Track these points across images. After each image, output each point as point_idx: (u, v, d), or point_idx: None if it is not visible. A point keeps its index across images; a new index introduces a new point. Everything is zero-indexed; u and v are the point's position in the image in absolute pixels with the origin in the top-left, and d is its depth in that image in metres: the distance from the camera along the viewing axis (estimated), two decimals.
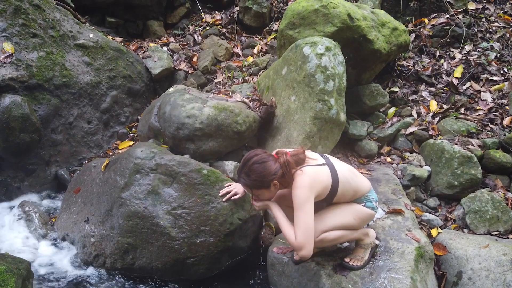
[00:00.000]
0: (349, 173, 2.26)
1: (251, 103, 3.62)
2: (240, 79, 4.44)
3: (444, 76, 4.27)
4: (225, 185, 2.81)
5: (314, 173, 2.11)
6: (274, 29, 5.09)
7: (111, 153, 3.90)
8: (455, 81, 4.12)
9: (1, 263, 1.84)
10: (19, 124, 3.23)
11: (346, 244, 2.57)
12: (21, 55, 3.44)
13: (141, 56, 4.64)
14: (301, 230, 2.02)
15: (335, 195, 2.20)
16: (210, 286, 2.73)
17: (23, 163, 3.42)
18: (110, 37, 4.59)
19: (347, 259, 2.41)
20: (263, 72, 4.34)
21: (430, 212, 3.19)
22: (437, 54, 4.48)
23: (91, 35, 4.09)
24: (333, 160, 2.27)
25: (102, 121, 3.99)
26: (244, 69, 4.62)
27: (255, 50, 4.87)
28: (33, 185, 3.50)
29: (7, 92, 3.27)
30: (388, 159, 3.66)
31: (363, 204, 2.31)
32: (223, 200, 2.74)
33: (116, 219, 2.74)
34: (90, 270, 2.79)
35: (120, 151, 3.87)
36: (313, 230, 2.05)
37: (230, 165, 3.25)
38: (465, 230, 3.00)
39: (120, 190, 2.77)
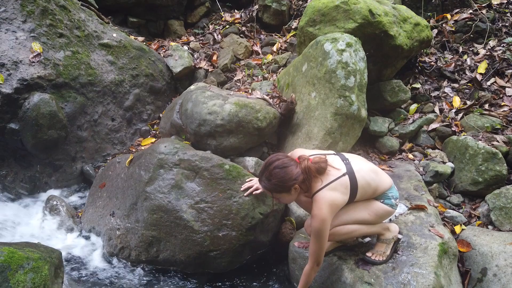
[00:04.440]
0: (370, 174, 2.25)
1: (271, 100, 3.65)
2: (259, 76, 4.47)
3: (467, 72, 4.19)
4: (247, 180, 2.84)
5: (332, 199, 2.12)
6: (293, 27, 5.10)
7: (134, 150, 3.99)
8: (479, 77, 4.05)
9: (35, 251, 1.92)
10: (47, 121, 3.34)
11: (368, 239, 2.57)
12: (48, 54, 3.56)
13: (162, 55, 4.72)
14: (315, 254, 2.16)
15: (353, 200, 2.24)
16: (232, 279, 2.77)
17: (50, 159, 3.54)
18: (132, 37, 4.69)
19: (369, 254, 2.41)
20: (282, 69, 4.36)
21: (453, 209, 3.15)
22: (460, 49, 4.41)
23: (114, 35, 4.20)
24: (355, 162, 2.26)
25: (125, 119, 4.09)
26: (263, 66, 4.65)
27: (275, 48, 4.90)
28: (60, 180, 3.61)
29: (35, 90, 3.39)
30: (410, 156, 3.62)
31: (382, 201, 2.31)
32: (245, 194, 2.78)
33: (141, 213, 2.81)
34: (116, 262, 2.87)
35: (142, 147, 3.95)
36: (324, 251, 2.17)
37: (251, 161, 3.28)
38: (489, 227, 2.95)
39: (145, 185, 2.84)
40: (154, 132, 4.21)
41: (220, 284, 2.74)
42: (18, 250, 1.89)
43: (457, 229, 2.90)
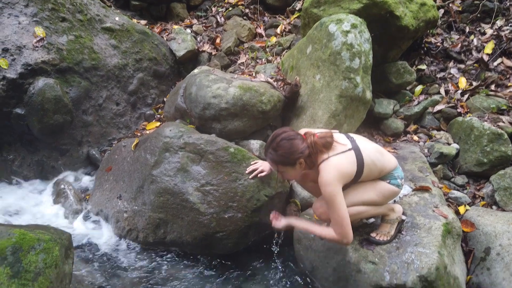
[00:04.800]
0: (375, 154, 2.26)
1: (275, 83, 3.64)
2: (263, 59, 4.45)
3: (474, 53, 4.14)
4: (252, 163, 2.86)
5: (340, 165, 2.11)
6: (297, 8, 5.04)
7: (139, 134, 4.01)
8: (486, 57, 4.00)
9: (45, 233, 1.96)
10: (53, 105, 3.35)
11: (372, 219, 2.59)
12: (51, 39, 3.55)
13: (165, 38, 4.69)
14: (338, 224, 2.10)
15: (359, 178, 2.23)
16: (238, 260, 2.82)
17: (57, 144, 3.57)
18: (135, 20, 4.66)
19: (373, 234, 2.44)
20: (286, 52, 4.33)
21: (457, 190, 3.16)
22: (467, 30, 4.34)
23: (117, 19, 4.17)
24: (360, 141, 2.27)
25: (129, 103, 4.10)
26: (267, 49, 4.61)
27: (278, 30, 4.85)
28: (67, 164, 3.65)
29: (40, 75, 3.40)
30: (415, 138, 3.62)
31: (388, 181, 2.32)
32: (250, 177, 2.80)
33: (148, 195, 2.84)
34: (124, 244, 2.92)
35: (147, 131, 3.98)
36: (348, 217, 2.10)
37: (255, 144, 3.29)
38: (493, 207, 2.96)
39: (151, 168, 2.87)
40: (158, 116, 4.22)
41: (226, 265, 2.79)
42: (29, 232, 1.94)
43: (461, 209, 2.92)
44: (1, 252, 1.78)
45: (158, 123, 4.06)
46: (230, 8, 5.20)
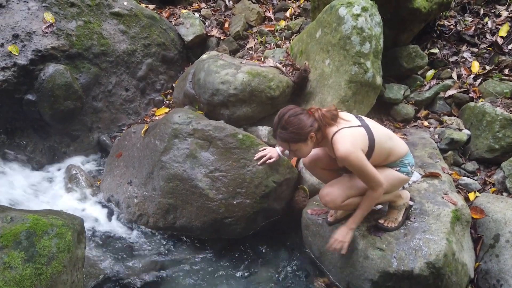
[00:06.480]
0: (384, 136, 2.23)
1: (284, 68, 3.60)
2: (272, 44, 4.40)
3: (488, 36, 4.04)
4: (260, 149, 2.87)
5: (354, 135, 2.09)
6: None
7: (148, 120, 4.03)
8: (500, 41, 3.90)
9: (58, 218, 2.01)
10: (63, 92, 3.38)
11: (380, 206, 2.59)
12: (61, 24, 3.55)
13: (173, 23, 4.66)
14: (373, 184, 2.12)
15: (370, 157, 2.18)
16: (246, 245, 2.86)
17: (68, 130, 3.62)
18: (143, 5, 4.63)
19: (381, 221, 2.44)
20: (296, 36, 4.27)
21: (468, 176, 3.13)
22: (481, 12, 4.22)
23: (125, 3, 4.14)
24: (369, 121, 2.25)
25: (139, 89, 4.11)
26: (276, 33, 4.56)
27: (288, 14, 4.78)
28: (78, 150, 3.70)
29: (50, 61, 3.41)
30: (425, 123, 3.58)
31: (397, 168, 2.30)
32: (258, 163, 2.81)
33: (157, 181, 2.88)
34: (134, 229, 2.98)
35: (157, 117, 3.99)
36: (376, 174, 2.10)
37: (264, 130, 3.29)
38: (504, 194, 2.93)
39: (160, 154, 2.89)
40: (167, 102, 4.23)
41: (235, 249, 2.83)
42: (42, 217, 1.98)
43: (471, 196, 2.90)
44: (15, 236, 1.83)
45: (167, 109, 4.07)
46: None
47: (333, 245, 2.31)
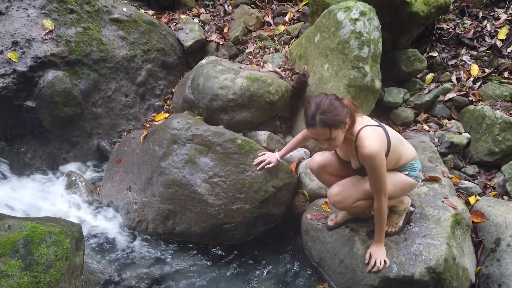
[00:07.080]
0: (397, 139, 2.21)
1: (283, 72, 3.61)
2: (271, 48, 4.40)
3: (487, 39, 4.04)
4: (259, 154, 2.86)
5: (377, 135, 2.06)
6: None
7: (148, 125, 4.03)
8: (499, 44, 3.89)
9: (56, 226, 2.01)
10: (62, 98, 3.39)
11: None
12: (60, 31, 3.57)
13: (173, 28, 4.67)
14: (379, 192, 2.09)
15: (386, 159, 2.11)
16: (246, 251, 2.85)
17: (68, 136, 3.62)
18: (142, 11, 4.64)
19: None
20: (295, 40, 4.28)
21: (468, 180, 3.12)
22: (480, 15, 4.22)
23: (124, 9, 4.16)
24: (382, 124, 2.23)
25: (138, 94, 4.11)
26: (275, 38, 4.56)
27: (287, 18, 4.79)
28: (78, 156, 3.70)
29: (49, 67, 3.42)
30: (425, 127, 3.57)
31: (406, 172, 2.27)
32: (257, 169, 2.81)
33: (157, 187, 2.88)
34: (134, 235, 2.97)
35: (156, 123, 3.99)
36: (387, 186, 2.08)
37: (263, 135, 3.29)
38: (505, 197, 2.92)
39: (159, 160, 2.89)
40: (167, 107, 4.24)
41: (234, 255, 2.82)
42: (40, 225, 1.98)
43: (472, 200, 2.88)
44: (13, 245, 1.83)
45: (167, 114, 4.07)
46: None
47: (377, 265, 2.24)
